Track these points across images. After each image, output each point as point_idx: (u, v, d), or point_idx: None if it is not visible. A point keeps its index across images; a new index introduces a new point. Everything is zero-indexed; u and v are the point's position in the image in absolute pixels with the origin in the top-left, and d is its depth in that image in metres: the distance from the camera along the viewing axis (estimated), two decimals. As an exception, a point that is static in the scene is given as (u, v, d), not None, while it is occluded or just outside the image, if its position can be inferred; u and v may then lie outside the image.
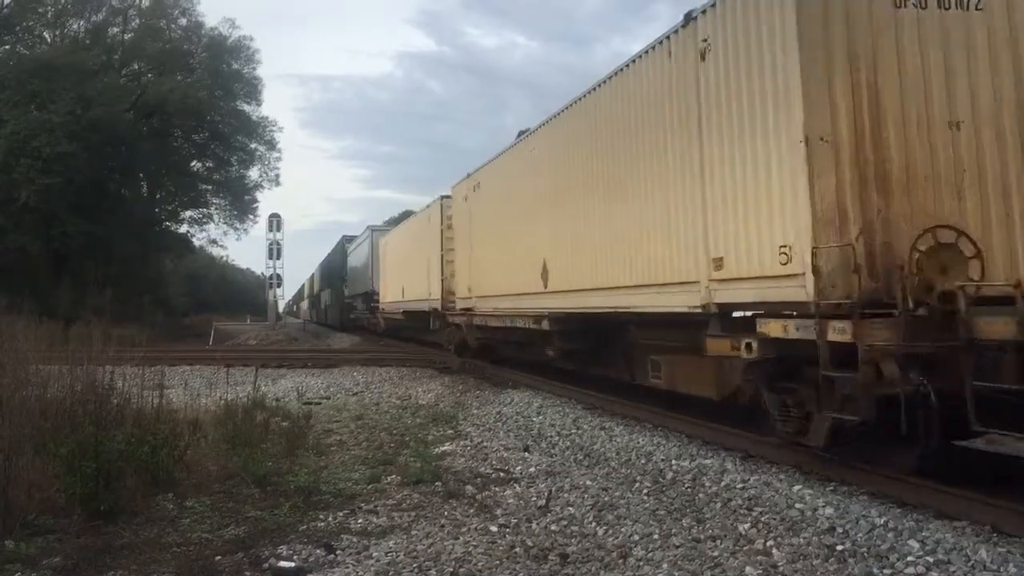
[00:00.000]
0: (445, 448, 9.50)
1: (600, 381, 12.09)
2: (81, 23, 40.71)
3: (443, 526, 6.16)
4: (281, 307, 59.69)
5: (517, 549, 5.58)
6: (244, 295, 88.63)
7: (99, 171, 33.23)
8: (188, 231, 46.89)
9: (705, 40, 7.71)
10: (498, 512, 6.58)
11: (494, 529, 6.07)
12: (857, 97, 6.34)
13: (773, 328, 6.74)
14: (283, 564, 5.26)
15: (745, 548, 5.43)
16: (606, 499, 6.78)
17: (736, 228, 7.28)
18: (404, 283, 24.66)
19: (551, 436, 9.85)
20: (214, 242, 50.09)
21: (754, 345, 6.93)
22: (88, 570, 5.18)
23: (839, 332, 5.92)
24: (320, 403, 13.66)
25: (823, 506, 5.97)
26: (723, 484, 6.94)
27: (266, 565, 5.27)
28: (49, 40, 39.57)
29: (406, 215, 33.20)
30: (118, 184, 37.58)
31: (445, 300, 19.29)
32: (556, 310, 11.88)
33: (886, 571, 4.83)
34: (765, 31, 6.80)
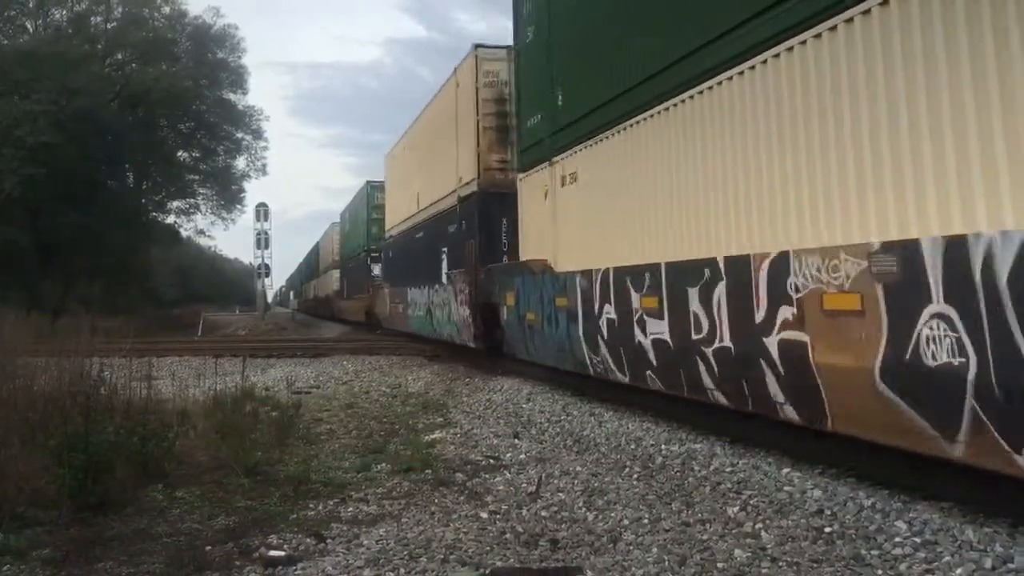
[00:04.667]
0: (435, 436, 9.50)
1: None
2: (64, 12, 40.43)
3: (433, 513, 6.17)
4: (270, 297, 59.56)
5: (507, 535, 5.60)
6: (233, 285, 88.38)
7: (84, 161, 33.01)
8: (175, 221, 46.94)
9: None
10: (488, 499, 6.60)
11: (484, 516, 6.08)
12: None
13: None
14: (273, 553, 5.26)
15: (734, 531, 5.45)
16: (596, 485, 6.80)
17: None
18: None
19: (541, 423, 9.87)
20: (202, 232, 50.08)
21: None
22: (78, 562, 5.16)
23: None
24: (310, 392, 13.64)
25: (811, 488, 6.01)
26: (712, 468, 6.97)
27: (256, 555, 5.26)
28: (31, 29, 39.28)
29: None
30: (104, 175, 37.34)
31: None
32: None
33: (874, 552, 4.86)
34: None
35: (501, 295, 13.28)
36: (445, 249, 17.00)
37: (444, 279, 17.02)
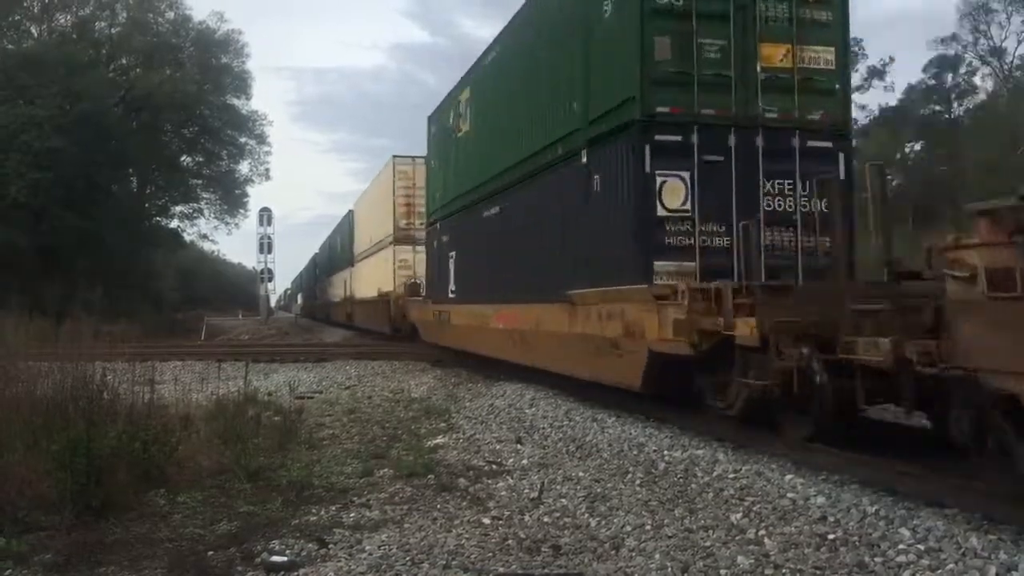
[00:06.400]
0: (437, 441, 9.50)
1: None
2: (68, 17, 40.57)
3: (436, 519, 6.16)
4: (273, 301, 59.59)
5: (510, 541, 5.59)
6: (235, 290, 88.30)
7: (88, 166, 33.05)
8: (178, 226, 46.96)
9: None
10: (491, 504, 6.59)
11: (487, 521, 6.08)
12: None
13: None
14: (275, 559, 5.25)
15: (737, 538, 5.44)
16: (598, 490, 6.79)
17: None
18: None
19: (543, 428, 9.85)
20: (205, 237, 50.03)
21: None
22: (80, 566, 5.17)
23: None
24: (312, 397, 13.63)
25: (815, 495, 5.98)
26: (715, 474, 6.95)
27: (258, 560, 5.26)
28: (36, 34, 39.41)
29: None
30: (107, 179, 37.36)
31: None
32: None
33: (877, 559, 4.84)
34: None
35: None
36: None
37: None
